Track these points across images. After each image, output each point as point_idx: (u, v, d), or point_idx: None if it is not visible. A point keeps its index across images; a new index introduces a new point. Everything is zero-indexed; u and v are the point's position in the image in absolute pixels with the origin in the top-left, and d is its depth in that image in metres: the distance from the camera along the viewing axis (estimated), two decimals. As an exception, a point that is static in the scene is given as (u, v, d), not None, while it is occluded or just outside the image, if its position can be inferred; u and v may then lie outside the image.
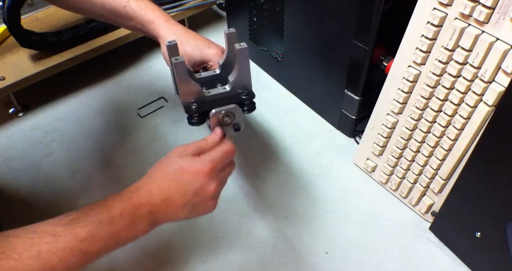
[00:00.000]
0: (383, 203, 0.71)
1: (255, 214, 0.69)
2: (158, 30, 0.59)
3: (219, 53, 0.59)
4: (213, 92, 0.53)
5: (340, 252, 0.65)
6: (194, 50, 0.57)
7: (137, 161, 0.78)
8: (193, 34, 0.60)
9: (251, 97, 0.54)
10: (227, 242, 0.66)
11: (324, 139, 0.82)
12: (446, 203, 0.62)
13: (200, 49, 0.58)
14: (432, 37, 0.54)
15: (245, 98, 0.53)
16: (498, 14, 0.46)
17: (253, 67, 0.96)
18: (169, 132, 0.83)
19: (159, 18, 0.59)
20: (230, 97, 0.53)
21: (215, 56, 0.57)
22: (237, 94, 0.53)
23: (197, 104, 0.51)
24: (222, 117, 0.53)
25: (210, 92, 0.53)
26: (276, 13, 0.82)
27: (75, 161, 0.78)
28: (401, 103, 0.62)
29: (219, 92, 0.53)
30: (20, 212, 0.71)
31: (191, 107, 0.51)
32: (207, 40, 0.60)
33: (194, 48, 0.58)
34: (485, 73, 0.50)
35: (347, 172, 0.76)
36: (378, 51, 0.67)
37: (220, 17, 1.10)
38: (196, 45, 0.58)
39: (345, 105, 0.77)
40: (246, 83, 0.53)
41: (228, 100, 0.53)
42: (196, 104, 0.51)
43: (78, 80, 0.93)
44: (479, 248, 0.59)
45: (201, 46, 0.58)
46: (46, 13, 0.95)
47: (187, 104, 0.51)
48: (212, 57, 0.58)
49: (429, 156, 0.63)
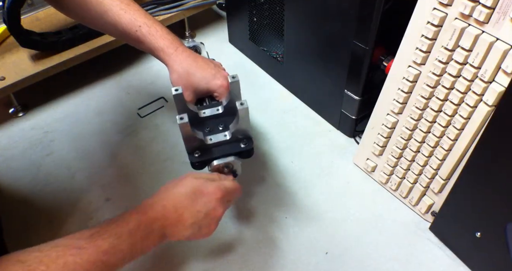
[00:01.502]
0: (383, 203, 0.71)
1: (255, 214, 0.69)
2: (167, 60, 0.60)
3: (224, 84, 0.61)
4: (215, 140, 0.57)
5: (340, 252, 0.65)
6: (200, 82, 0.60)
7: (137, 161, 0.78)
8: (200, 63, 0.61)
9: (249, 146, 0.58)
10: (227, 242, 0.66)
11: (324, 139, 0.82)
12: (446, 203, 0.62)
13: (207, 81, 0.60)
14: (432, 37, 0.54)
15: (244, 148, 0.57)
16: (498, 14, 0.46)
17: (253, 67, 0.97)
18: (169, 132, 0.83)
19: (168, 47, 0.60)
20: (230, 144, 0.57)
21: (220, 87, 0.59)
22: (237, 141, 0.57)
23: (200, 152, 0.56)
24: (222, 167, 0.58)
25: (212, 139, 0.57)
26: (276, 13, 0.82)
27: (75, 161, 0.78)
28: (401, 103, 0.62)
29: (220, 139, 0.57)
30: (20, 212, 0.71)
31: (195, 155, 0.56)
32: (213, 70, 0.61)
33: (200, 80, 0.60)
34: (485, 73, 0.50)
35: (347, 172, 0.76)
36: (378, 51, 0.67)
37: (220, 17, 1.10)
38: (203, 77, 0.60)
39: (345, 105, 0.77)
40: (246, 132, 0.57)
41: (228, 148, 0.57)
42: (199, 152, 0.56)
43: (78, 80, 0.93)
44: (479, 248, 0.59)
45: (207, 78, 0.60)
46: (46, 13, 0.95)
47: (190, 151, 0.56)
48: (218, 89, 0.60)
49: (429, 156, 0.63)
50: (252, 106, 0.87)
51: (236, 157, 0.58)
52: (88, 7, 0.61)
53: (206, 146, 0.57)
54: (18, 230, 0.68)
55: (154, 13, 0.92)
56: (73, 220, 0.70)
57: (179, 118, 0.53)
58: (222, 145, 0.57)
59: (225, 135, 0.57)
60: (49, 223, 0.69)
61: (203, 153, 0.57)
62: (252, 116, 0.86)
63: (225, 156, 0.57)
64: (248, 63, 0.98)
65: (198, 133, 0.56)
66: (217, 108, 0.60)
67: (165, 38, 0.60)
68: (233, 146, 0.57)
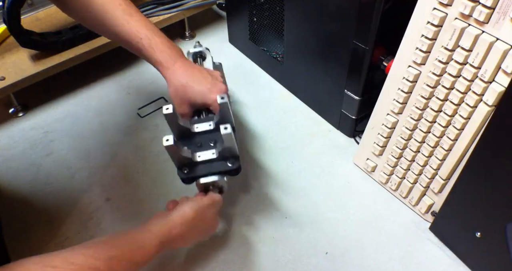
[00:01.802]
0: (383, 203, 0.71)
1: (255, 214, 0.69)
2: (164, 74, 0.62)
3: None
4: (203, 157, 0.59)
5: (340, 252, 0.65)
6: (196, 97, 0.61)
7: (137, 161, 0.78)
8: (197, 77, 0.62)
9: (235, 166, 0.59)
10: (227, 242, 0.66)
11: (324, 139, 0.82)
12: (446, 203, 0.62)
13: (202, 95, 0.61)
14: (432, 37, 0.54)
15: (231, 167, 0.59)
16: (498, 14, 0.46)
17: (253, 67, 0.97)
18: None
19: (166, 61, 0.61)
20: (218, 162, 0.59)
21: (214, 102, 0.61)
22: (224, 159, 0.59)
23: (188, 168, 0.59)
24: (208, 185, 0.60)
25: (200, 156, 0.59)
26: (276, 13, 0.82)
27: (75, 161, 0.78)
28: (401, 103, 0.62)
29: (208, 158, 0.59)
30: (20, 212, 0.71)
31: (183, 171, 0.58)
32: (209, 84, 0.62)
33: (196, 94, 0.61)
34: (485, 73, 0.50)
35: (347, 172, 0.76)
36: (378, 51, 0.67)
37: (220, 17, 1.10)
38: (199, 92, 0.61)
39: (345, 105, 0.77)
40: (233, 152, 0.59)
41: (216, 166, 0.59)
42: (187, 168, 0.59)
43: (78, 80, 0.93)
44: (479, 248, 0.59)
45: (203, 93, 0.61)
46: (46, 13, 0.95)
47: (179, 166, 0.59)
48: (213, 103, 0.61)
49: (429, 156, 0.63)
50: (252, 106, 0.88)
51: (222, 176, 0.60)
52: (91, 12, 0.61)
53: (194, 163, 0.59)
54: (18, 230, 0.68)
55: (154, 13, 0.92)
56: (73, 220, 0.70)
57: (165, 139, 0.54)
58: (209, 162, 0.59)
59: (212, 153, 0.59)
60: (49, 223, 0.69)
61: (191, 169, 0.59)
62: (252, 116, 0.86)
63: (212, 174, 0.59)
64: (248, 63, 0.98)
65: (186, 151, 0.58)
66: (209, 123, 0.61)
67: (164, 51, 0.61)
68: (220, 165, 0.59)
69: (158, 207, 0.70)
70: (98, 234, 0.67)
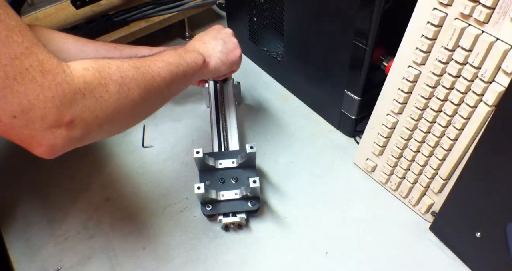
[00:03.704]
0: (383, 203, 0.71)
1: (255, 214, 0.69)
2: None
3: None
4: (226, 197, 0.65)
5: (340, 252, 0.65)
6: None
7: (137, 161, 0.78)
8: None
9: (256, 207, 0.66)
10: (227, 242, 0.66)
11: (324, 139, 0.82)
12: (446, 203, 0.62)
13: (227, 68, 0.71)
14: (432, 37, 0.54)
15: (251, 208, 0.66)
16: (498, 14, 0.46)
17: (253, 67, 0.97)
18: (169, 132, 0.83)
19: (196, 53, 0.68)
20: (240, 201, 0.66)
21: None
22: (246, 200, 0.66)
23: (211, 206, 0.65)
24: (230, 223, 0.66)
25: (224, 195, 0.65)
26: (276, 13, 0.82)
27: (75, 161, 0.78)
28: (401, 103, 0.62)
29: (231, 198, 0.65)
30: (20, 212, 0.71)
31: (207, 208, 0.65)
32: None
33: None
34: (485, 73, 0.50)
35: (347, 172, 0.76)
36: (378, 51, 0.67)
37: (220, 17, 1.10)
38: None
39: (345, 105, 0.77)
40: (255, 193, 0.65)
41: (237, 205, 0.65)
42: (211, 205, 0.65)
43: (78, 80, 0.93)
44: (479, 248, 0.59)
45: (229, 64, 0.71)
46: (46, 13, 0.94)
47: (204, 203, 0.66)
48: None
49: (429, 156, 0.63)
50: (252, 106, 0.88)
51: (242, 215, 0.66)
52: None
53: (217, 200, 0.65)
54: (18, 230, 0.68)
55: (154, 13, 0.92)
56: (73, 220, 0.69)
57: (196, 187, 0.61)
58: (232, 202, 0.65)
59: (235, 194, 0.65)
60: (49, 223, 0.69)
61: (214, 206, 0.65)
62: (252, 116, 0.86)
63: (233, 212, 0.65)
64: (248, 63, 0.98)
65: (212, 192, 0.64)
66: (232, 161, 0.68)
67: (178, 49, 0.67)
68: (241, 204, 0.65)
69: (158, 207, 0.70)
70: (98, 234, 0.67)
